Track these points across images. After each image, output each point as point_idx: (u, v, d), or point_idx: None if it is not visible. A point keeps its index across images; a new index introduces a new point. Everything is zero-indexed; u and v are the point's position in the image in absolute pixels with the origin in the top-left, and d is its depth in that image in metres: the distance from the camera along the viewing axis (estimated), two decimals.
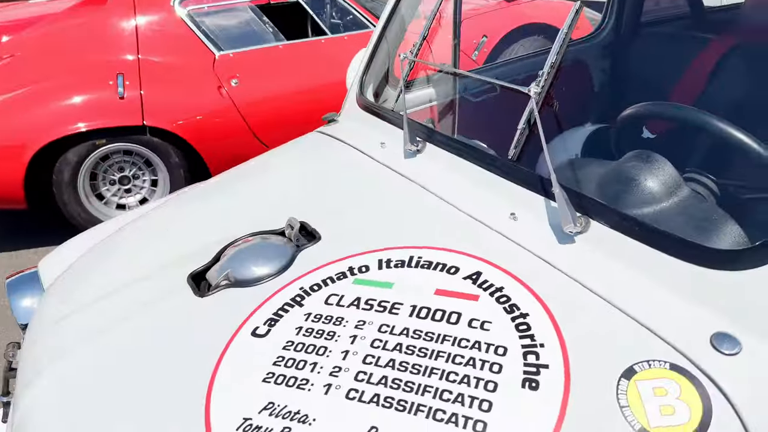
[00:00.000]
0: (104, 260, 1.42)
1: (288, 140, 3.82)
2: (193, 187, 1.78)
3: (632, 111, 1.31)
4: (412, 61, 1.62)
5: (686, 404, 0.85)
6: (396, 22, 1.87)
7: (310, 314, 1.06)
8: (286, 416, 0.89)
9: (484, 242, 1.14)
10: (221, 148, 3.63)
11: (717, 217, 1.07)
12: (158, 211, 1.58)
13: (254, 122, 3.68)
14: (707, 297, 0.94)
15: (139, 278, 1.27)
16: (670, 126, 1.37)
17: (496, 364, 0.91)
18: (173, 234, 1.42)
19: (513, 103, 1.47)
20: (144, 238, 1.44)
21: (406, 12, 1.88)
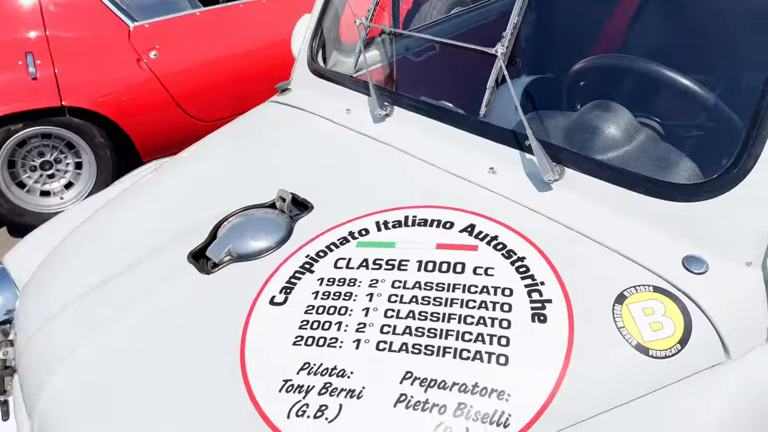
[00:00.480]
0: (86, 248, 1.41)
1: (217, 111, 3.75)
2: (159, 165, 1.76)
3: (584, 64, 1.44)
4: (368, 26, 1.66)
5: (671, 319, 0.99)
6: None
7: (322, 279, 1.12)
8: (324, 373, 0.97)
9: (470, 197, 1.24)
10: (147, 124, 3.52)
11: (674, 155, 1.22)
12: (132, 193, 1.57)
13: (179, 94, 3.57)
14: (675, 226, 1.08)
15: (134, 263, 1.28)
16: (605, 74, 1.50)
17: (506, 304, 1.02)
18: (158, 214, 1.42)
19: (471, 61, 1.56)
20: (125, 222, 1.44)
21: None
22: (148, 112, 3.51)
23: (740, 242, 1.04)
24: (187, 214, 1.38)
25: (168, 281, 1.20)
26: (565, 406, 0.92)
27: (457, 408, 0.90)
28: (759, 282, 1.03)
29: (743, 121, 1.20)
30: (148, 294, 1.18)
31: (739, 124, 1.22)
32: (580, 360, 0.95)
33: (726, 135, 1.22)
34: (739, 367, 1.00)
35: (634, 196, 1.13)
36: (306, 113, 1.69)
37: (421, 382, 0.93)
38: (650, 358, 0.96)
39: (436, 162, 1.35)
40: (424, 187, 1.29)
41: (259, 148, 1.59)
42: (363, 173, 1.37)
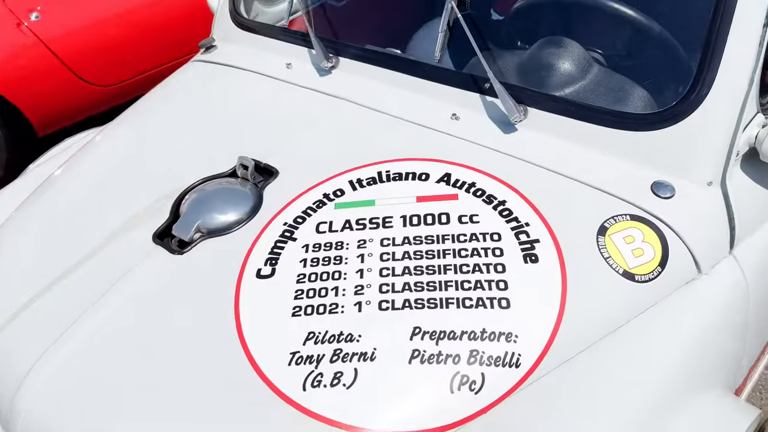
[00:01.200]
0: (34, 241, 1.29)
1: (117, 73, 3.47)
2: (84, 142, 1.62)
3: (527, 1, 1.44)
4: None
5: (649, 244, 1.05)
6: None
7: (307, 246, 1.10)
8: (331, 340, 0.96)
9: (439, 146, 1.24)
10: (37, 93, 3.21)
11: (628, 86, 1.26)
12: (67, 175, 1.44)
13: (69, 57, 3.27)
14: (639, 155, 1.14)
15: (93, 251, 1.19)
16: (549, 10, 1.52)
17: (496, 249, 1.04)
18: (105, 196, 1.32)
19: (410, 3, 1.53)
20: (71, 208, 1.33)
21: None
22: (36, 81, 3.20)
23: (701, 164, 1.11)
24: (138, 192, 1.29)
25: (137, 267, 1.13)
26: (568, 339, 0.96)
27: (470, 356, 0.93)
28: (720, 199, 1.11)
29: (686, 48, 1.26)
30: (119, 282, 1.11)
31: (683, 52, 1.28)
32: (576, 293, 0.99)
33: (672, 63, 1.28)
34: (709, 280, 1.08)
35: (598, 129, 1.17)
36: (242, 71, 1.60)
37: (431, 335, 0.95)
38: (636, 283, 1.02)
39: (395, 113, 1.33)
40: (390, 140, 1.28)
41: (199, 114, 1.50)
42: (323, 131, 1.33)
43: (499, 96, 1.21)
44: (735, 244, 1.12)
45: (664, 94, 1.23)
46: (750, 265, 1.13)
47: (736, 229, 1.12)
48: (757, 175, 1.17)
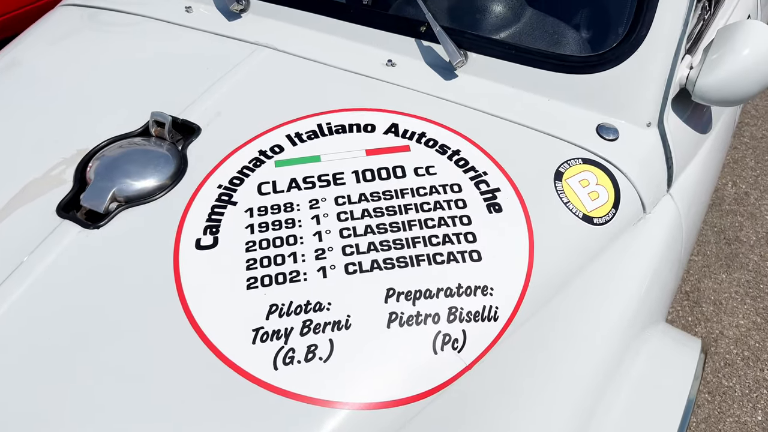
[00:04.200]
0: None
1: None
2: None
3: None
4: None
5: (603, 187, 1.05)
6: None
7: (251, 209, 0.98)
8: (298, 311, 0.86)
9: (379, 95, 1.15)
10: None
11: (562, 28, 1.25)
12: None
13: None
14: (582, 98, 1.13)
15: None
16: None
17: (459, 201, 0.99)
18: None
19: None
20: None
21: None
22: None
23: (641, 105, 1.13)
24: (27, 159, 1.08)
25: (42, 246, 0.94)
26: (540, 287, 0.94)
27: (449, 314, 0.87)
28: (658, 140, 1.14)
29: None
30: (22, 266, 0.92)
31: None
32: (542, 240, 0.97)
33: (605, 6, 1.28)
34: (652, 219, 1.11)
35: (540, 73, 1.15)
36: (131, 15, 1.39)
37: (407, 296, 0.88)
38: (594, 226, 1.02)
39: (324, 59, 1.22)
40: (324, 90, 1.17)
41: (87, 65, 1.28)
42: (244, 81, 1.19)
43: (439, 40, 1.15)
44: (672, 183, 1.16)
45: (599, 37, 1.23)
46: (683, 203, 1.18)
47: (673, 169, 1.15)
48: (685, 115, 1.22)
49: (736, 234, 2.41)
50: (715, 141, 1.33)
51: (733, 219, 2.48)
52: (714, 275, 2.25)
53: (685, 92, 1.18)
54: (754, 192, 2.60)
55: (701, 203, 1.26)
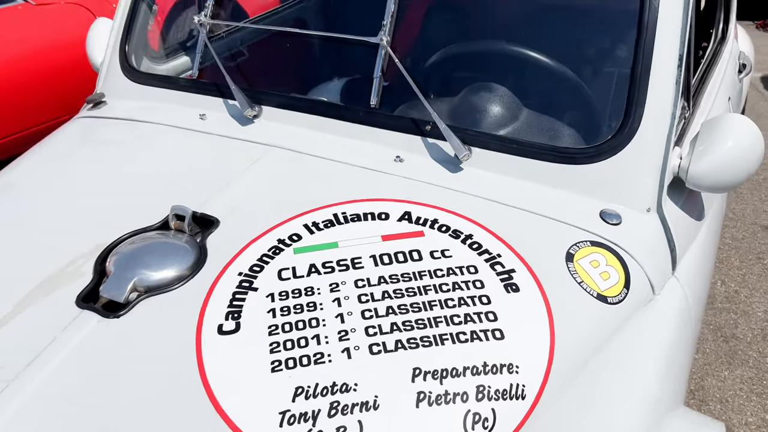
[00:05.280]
0: None
1: None
2: None
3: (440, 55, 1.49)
4: (208, 24, 1.50)
5: (613, 267, 1.08)
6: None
7: (272, 294, 0.98)
8: (324, 393, 0.85)
9: (390, 186, 1.20)
10: None
11: (557, 125, 1.33)
12: None
13: None
14: (584, 186, 1.19)
15: (3, 320, 0.97)
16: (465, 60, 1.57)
17: (477, 281, 1.01)
18: (10, 257, 1.09)
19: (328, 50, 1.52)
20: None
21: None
22: None
23: (639, 192, 1.19)
24: (45, 255, 1.09)
25: (63, 335, 0.93)
26: (563, 365, 0.94)
27: (477, 392, 0.87)
28: (659, 224, 1.19)
29: (592, 88, 1.37)
30: (41, 356, 0.90)
31: (588, 91, 1.39)
32: (561, 318, 0.98)
33: (583, 103, 1.38)
34: (662, 300, 1.13)
35: (541, 164, 1.21)
36: (147, 124, 1.46)
37: (433, 374, 0.87)
38: (609, 305, 1.04)
39: (335, 157, 1.28)
40: (337, 183, 1.21)
41: (104, 167, 1.32)
42: (260, 177, 1.24)
43: (445, 136, 1.22)
44: (676, 266, 1.20)
45: (593, 131, 1.31)
46: (688, 284, 1.21)
47: (676, 252, 1.19)
48: (680, 201, 1.28)
49: (732, 331, 2.42)
50: (710, 226, 1.39)
51: (727, 317, 2.50)
52: (716, 373, 2.24)
53: (678, 180, 1.25)
54: (743, 290, 2.65)
55: (704, 286, 1.30)
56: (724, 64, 1.95)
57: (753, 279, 2.71)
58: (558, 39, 1.39)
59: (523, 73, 1.40)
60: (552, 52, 1.38)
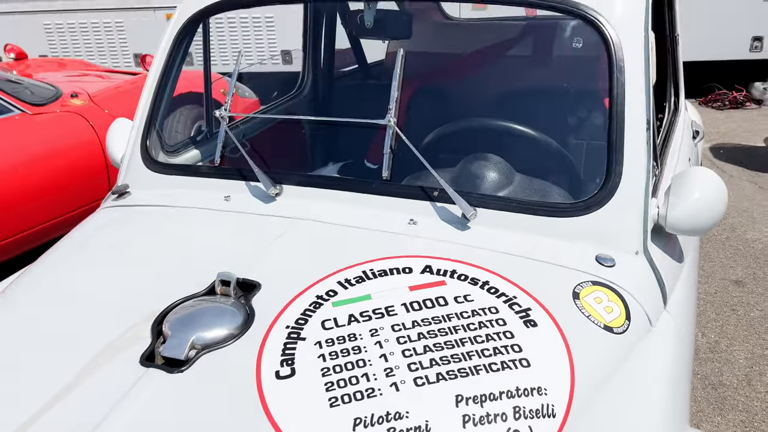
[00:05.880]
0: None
1: None
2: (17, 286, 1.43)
3: (437, 132, 1.69)
4: (227, 116, 1.68)
5: (614, 303, 1.23)
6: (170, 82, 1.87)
7: (320, 342, 1.09)
8: (380, 421, 0.95)
9: (408, 245, 1.34)
10: None
11: (546, 186, 1.51)
12: (18, 310, 1.26)
13: None
14: (577, 235, 1.35)
15: (69, 387, 1.05)
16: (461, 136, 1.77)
17: (499, 320, 1.14)
18: (61, 335, 1.18)
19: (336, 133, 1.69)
20: (33, 339, 1.16)
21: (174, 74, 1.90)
22: None
23: (626, 237, 1.35)
24: (101, 326, 1.18)
25: (132, 391, 1.02)
26: (583, 386, 1.06)
27: (514, 412, 0.98)
28: (647, 265, 1.35)
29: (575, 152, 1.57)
30: (114, 411, 0.98)
31: (569, 156, 1.58)
32: (576, 347, 1.11)
33: (568, 165, 1.57)
34: (658, 332, 1.27)
35: (540, 219, 1.38)
36: (176, 208, 1.59)
37: (474, 399, 0.99)
38: (615, 334, 1.18)
39: (356, 224, 1.42)
40: (360, 245, 1.35)
41: (144, 245, 1.44)
42: (291, 245, 1.37)
43: (454, 200, 1.38)
44: (666, 301, 1.34)
45: (576, 189, 1.49)
46: (679, 317, 1.35)
47: (665, 288, 1.35)
48: (662, 246, 1.44)
49: (718, 379, 2.55)
50: (689, 269, 1.56)
51: (712, 366, 2.63)
52: (709, 419, 2.34)
53: (658, 227, 1.42)
54: (723, 340, 2.80)
55: (692, 321, 1.44)
56: (680, 131, 2.19)
57: (731, 329, 2.87)
58: (541, 113, 1.59)
59: (513, 144, 1.60)
60: (536, 125, 1.58)
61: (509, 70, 2.21)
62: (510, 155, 1.58)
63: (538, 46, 2.53)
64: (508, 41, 2.63)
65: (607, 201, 1.36)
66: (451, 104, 2.14)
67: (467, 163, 1.57)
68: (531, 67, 2.39)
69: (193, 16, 1.83)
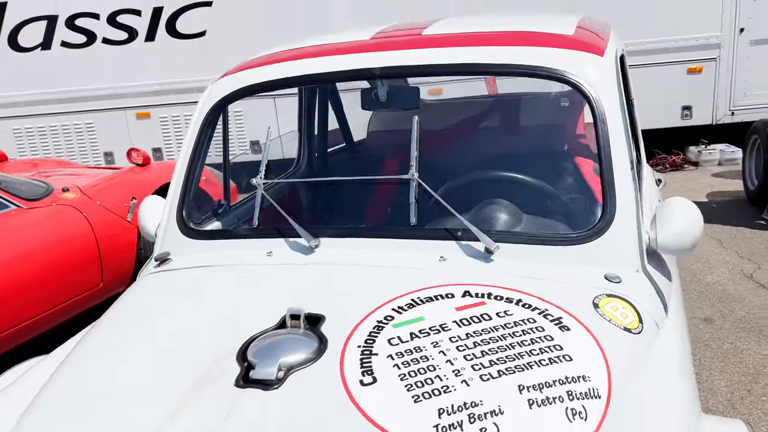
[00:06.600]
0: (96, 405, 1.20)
1: None
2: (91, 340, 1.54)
3: (448, 185, 1.93)
4: (262, 183, 1.88)
5: (628, 310, 1.45)
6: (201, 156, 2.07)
7: (391, 355, 1.26)
8: (460, 409, 1.12)
9: (444, 277, 1.54)
10: None
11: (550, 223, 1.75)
12: (105, 355, 1.37)
13: None
14: (587, 259, 1.58)
15: (171, 416, 1.18)
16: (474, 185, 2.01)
17: (538, 327, 1.34)
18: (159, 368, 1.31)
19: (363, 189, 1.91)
20: (127, 374, 1.28)
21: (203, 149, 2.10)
22: None
23: (627, 258, 1.59)
24: (191, 360, 1.32)
25: (235, 411, 1.15)
26: (617, 374, 1.25)
27: (569, 395, 1.16)
28: (647, 281, 1.58)
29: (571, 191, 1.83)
30: (227, 426, 1.12)
31: (557, 193, 1.84)
32: (605, 343, 1.31)
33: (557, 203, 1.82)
34: (665, 334, 1.49)
35: (552, 248, 1.60)
36: (221, 267, 1.75)
37: (534, 387, 1.17)
38: (633, 334, 1.39)
39: (392, 264, 1.61)
40: (402, 280, 1.54)
41: (203, 297, 1.59)
42: (339, 284, 1.54)
43: (479, 237, 1.60)
44: (667, 311, 1.57)
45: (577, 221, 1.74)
46: (678, 325, 1.58)
47: (665, 300, 1.57)
48: (654, 265, 1.68)
49: (705, 405, 2.75)
50: (677, 287, 1.80)
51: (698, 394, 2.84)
52: None
53: (651, 250, 1.67)
54: (703, 372, 3.02)
55: (685, 329, 1.66)
56: (647, 178, 2.50)
57: (708, 361, 3.11)
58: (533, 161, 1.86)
59: (515, 191, 1.85)
60: (530, 172, 1.84)
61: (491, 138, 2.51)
62: (515, 200, 1.83)
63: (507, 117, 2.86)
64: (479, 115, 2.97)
65: (607, 229, 1.60)
66: (448, 166, 2.41)
67: (481, 207, 1.80)
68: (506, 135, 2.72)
69: (220, 101, 2.06)
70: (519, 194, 1.85)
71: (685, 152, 7.21)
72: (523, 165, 1.90)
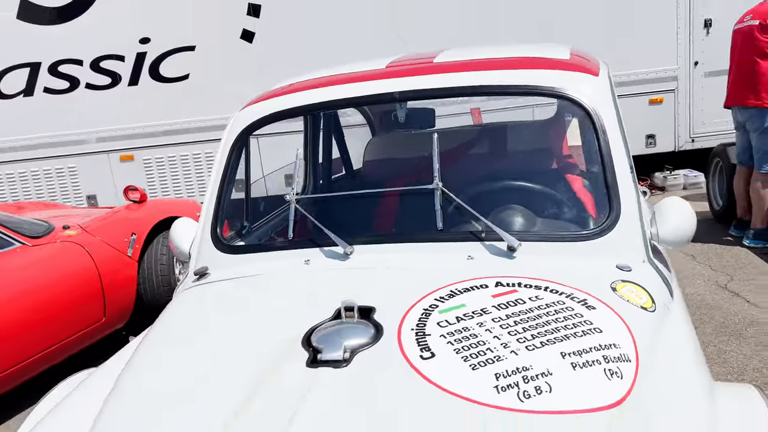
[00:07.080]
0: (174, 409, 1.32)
1: None
2: None
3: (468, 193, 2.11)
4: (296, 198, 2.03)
5: (642, 292, 1.63)
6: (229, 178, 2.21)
7: (442, 335, 1.41)
8: (514, 372, 1.28)
9: (473, 271, 1.70)
10: None
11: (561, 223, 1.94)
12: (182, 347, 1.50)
13: None
14: (599, 252, 1.77)
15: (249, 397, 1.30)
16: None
17: (568, 308, 1.51)
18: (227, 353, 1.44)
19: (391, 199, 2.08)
20: (203, 361, 1.42)
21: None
22: None
23: (634, 250, 1.78)
24: (256, 348, 1.45)
25: (311, 388, 1.29)
26: (641, 343, 1.43)
27: (605, 359, 1.33)
28: (653, 269, 1.77)
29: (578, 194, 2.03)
30: (305, 403, 1.25)
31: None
32: (628, 318, 1.49)
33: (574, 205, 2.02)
34: (674, 314, 1.68)
35: (568, 244, 1.79)
36: (262, 276, 1.89)
37: (574, 353, 1.33)
38: (649, 312, 1.57)
39: (424, 265, 1.77)
40: (437, 276, 1.69)
41: (256, 300, 1.72)
42: (381, 280, 1.70)
43: (502, 237, 1.77)
44: (672, 295, 1.76)
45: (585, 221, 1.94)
46: (680, 308, 1.77)
47: (671, 286, 1.77)
48: (657, 257, 1.88)
49: None
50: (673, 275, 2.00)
51: None
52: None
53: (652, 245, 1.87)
54: None
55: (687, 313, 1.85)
56: None
57: None
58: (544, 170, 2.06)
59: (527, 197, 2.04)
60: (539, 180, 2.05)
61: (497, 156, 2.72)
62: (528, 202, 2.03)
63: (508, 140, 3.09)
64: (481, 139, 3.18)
65: (615, 225, 1.80)
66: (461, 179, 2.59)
67: (498, 212, 1.99)
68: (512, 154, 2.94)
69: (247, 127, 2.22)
70: (530, 201, 2.04)
71: (651, 178, 7.58)
72: (528, 177, 2.10)
